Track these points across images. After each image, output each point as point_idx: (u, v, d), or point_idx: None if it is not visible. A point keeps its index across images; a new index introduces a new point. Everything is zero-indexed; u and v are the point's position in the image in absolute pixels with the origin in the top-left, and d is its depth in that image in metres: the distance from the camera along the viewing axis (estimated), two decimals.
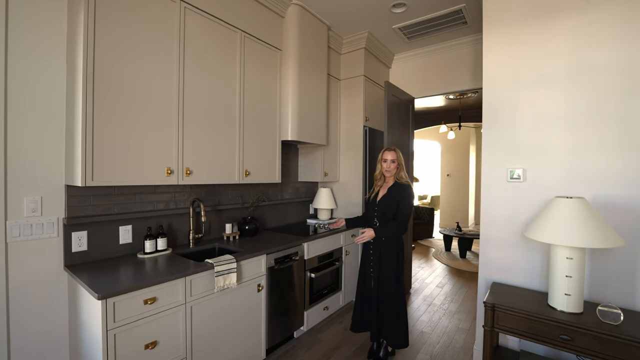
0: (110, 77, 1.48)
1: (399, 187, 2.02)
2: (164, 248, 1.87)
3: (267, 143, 2.40)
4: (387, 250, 2.02)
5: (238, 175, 2.16)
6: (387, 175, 2.08)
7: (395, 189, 2.02)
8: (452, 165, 8.10)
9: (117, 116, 1.51)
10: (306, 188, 3.32)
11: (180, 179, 1.79)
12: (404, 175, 2.06)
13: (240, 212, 2.53)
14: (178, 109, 1.77)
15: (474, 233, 5.10)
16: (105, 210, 1.73)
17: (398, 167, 2.06)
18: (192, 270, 1.56)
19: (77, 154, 1.42)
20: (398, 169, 2.06)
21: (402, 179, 2.05)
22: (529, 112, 1.91)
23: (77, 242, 1.62)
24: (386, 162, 2.06)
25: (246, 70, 2.20)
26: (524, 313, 1.58)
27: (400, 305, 2.02)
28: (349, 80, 3.23)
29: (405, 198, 1.99)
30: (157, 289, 1.42)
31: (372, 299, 2.05)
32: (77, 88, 1.42)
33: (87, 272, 1.50)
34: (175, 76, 1.76)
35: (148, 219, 1.92)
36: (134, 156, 1.58)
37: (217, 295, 1.69)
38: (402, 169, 2.07)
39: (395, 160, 2.05)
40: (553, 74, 1.83)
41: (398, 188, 2.02)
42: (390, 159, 2.05)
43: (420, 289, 3.55)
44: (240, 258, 1.80)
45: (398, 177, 2.05)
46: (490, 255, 2.05)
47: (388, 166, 2.05)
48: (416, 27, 2.88)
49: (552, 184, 1.84)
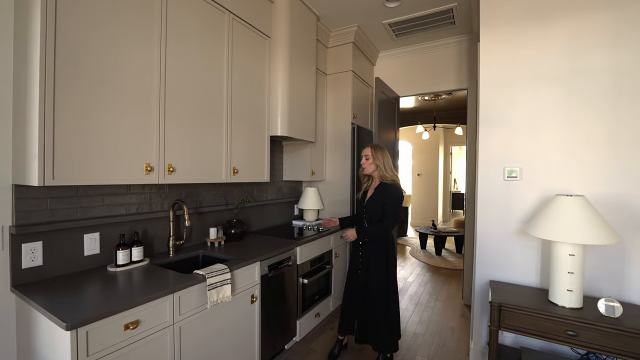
0: (77, 54, 1.20)
1: (384, 187, 1.98)
2: (140, 258, 1.60)
3: (255, 139, 2.19)
4: (375, 249, 1.98)
5: (225, 174, 1.93)
6: (364, 173, 2.06)
7: (381, 190, 1.98)
8: (422, 165, 8.37)
9: (86, 101, 1.23)
10: (290, 188, 3.14)
11: (162, 178, 1.53)
12: (388, 175, 2.00)
13: (225, 214, 2.29)
14: (159, 97, 1.51)
15: (449, 231, 5.27)
16: (65, 215, 1.43)
17: (378, 167, 1.99)
18: (181, 284, 1.32)
19: (31, 146, 1.12)
20: (378, 167, 1.99)
21: (387, 178, 1.99)
22: (525, 111, 1.94)
23: (28, 255, 1.30)
24: (362, 158, 2.05)
25: (234, 57, 1.97)
26: (531, 311, 1.58)
27: (390, 306, 1.97)
28: (336, 75, 3.11)
29: (390, 198, 1.93)
30: (141, 310, 1.17)
31: (360, 299, 2.01)
32: (32, 65, 1.13)
33: (44, 293, 1.21)
34: (157, 59, 1.50)
35: (119, 224, 1.63)
36: (107, 150, 1.30)
37: (209, 312, 1.47)
38: (382, 169, 1.99)
39: (369, 157, 2.00)
40: (549, 74, 1.87)
41: (383, 188, 1.98)
42: (364, 155, 2.03)
43: (405, 289, 3.55)
44: (234, 267, 1.59)
45: (382, 176, 2.00)
46: (487, 253, 2.05)
47: (363, 162, 2.03)
48: (406, 24, 2.84)
49: (548, 183, 1.87)
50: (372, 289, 1.96)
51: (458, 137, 8.52)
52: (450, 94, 5.23)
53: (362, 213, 2.06)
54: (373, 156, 2.00)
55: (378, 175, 2.01)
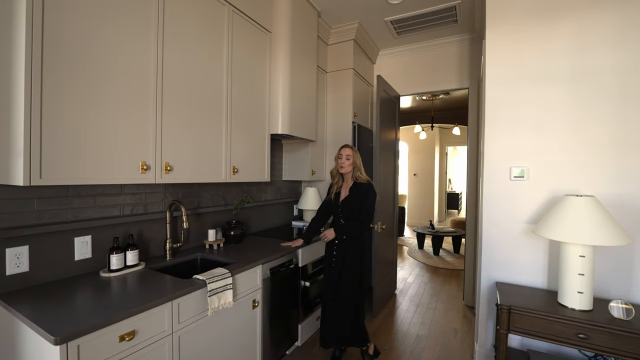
0: (67, 42, 1.10)
1: (360, 186, 1.99)
2: (135, 263, 1.51)
3: (256, 137, 2.11)
4: (351, 251, 1.98)
5: (225, 173, 1.85)
6: (342, 172, 2.03)
7: (357, 189, 1.99)
8: (418, 165, 8.37)
9: (77, 93, 1.14)
10: (288, 188, 3.07)
11: (159, 177, 1.45)
12: (362, 175, 2.03)
13: (223, 215, 2.21)
14: (156, 91, 1.42)
15: (447, 231, 5.25)
16: (54, 217, 1.33)
17: (354, 167, 2.01)
18: (180, 291, 1.24)
19: (16, 142, 1.03)
20: (355, 168, 2.01)
21: (362, 178, 2.01)
22: (532, 110, 1.90)
23: (13, 261, 1.20)
24: (341, 158, 2.02)
25: (234, 52, 1.89)
26: (542, 314, 1.54)
27: (358, 306, 2.00)
28: (336, 73, 3.04)
29: (369, 196, 1.97)
30: (137, 320, 1.09)
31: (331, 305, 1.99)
32: (16, 54, 1.03)
33: (31, 302, 1.11)
34: (153, 50, 1.41)
35: (112, 227, 1.54)
36: (100, 147, 1.21)
37: (209, 319, 1.39)
38: (358, 169, 2.03)
39: (350, 157, 2.00)
40: (556, 73, 1.83)
41: (359, 187, 1.99)
42: (345, 155, 2.01)
43: (405, 290, 3.50)
44: (236, 271, 1.52)
45: (357, 176, 2.01)
46: (493, 254, 2.01)
47: (342, 162, 2.01)
48: (408, 21, 2.79)
49: (555, 183, 1.84)
50: (343, 292, 1.96)
51: (454, 137, 8.54)
52: (448, 94, 5.22)
53: (338, 214, 2.03)
54: (354, 157, 2.01)
55: (353, 175, 2.03)
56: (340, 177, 2.09)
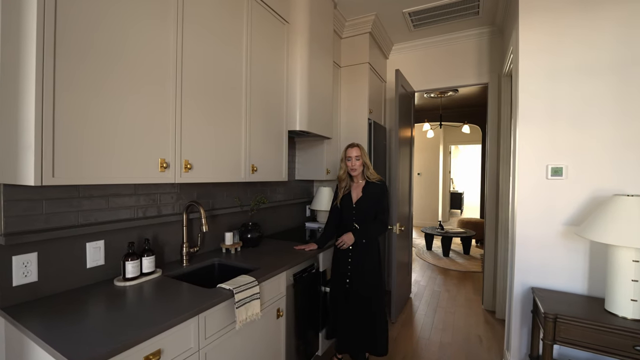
0: (80, 27, 0.98)
1: (375, 185, 1.89)
2: (152, 270, 1.38)
3: (273, 134, 1.99)
4: (370, 255, 1.86)
5: (244, 172, 1.73)
6: (354, 174, 1.92)
7: (372, 188, 1.88)
8: (422, 165, 8.27)
9: (92, 83, 1.01)
10: (300, 188, 2.94)
11: (178, 176, 1.32)
12: (372, 173, 1.91)
13: (238, 217, 2.08)
14: (176, 79, 1.30)
15: (457, 231, 5.15)
16: (63, 220, 1.20)
17: (364, 166, 1.91)
18: (207, 303, 1.11)
19: (25, 136, 0.90)
20: (365, 167, 1.91)
21: (372, 177, 1.90)
22: (571, 104, 1.79)
23: (20, 270, 1.07)
24: (350, 160, 1.90)
25: (253, 41, 1.77)
26: (594, 324, 1.43)
27: (381, 315, 1.89)
28: (350, 68, 2.92)
29: (385, 195, 1.89)
30: (163, 338, 0.96)
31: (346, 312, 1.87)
32: (26, 41, 0.90)
33: (41, 317, 0.98)
34: (173, 35, 1.28)
35: (125, 231, 1.41)
36: (117, 142, 1.08)
37: (235, 333, 1.27)
38: (369, 167, 1.91)
39: (360, 157, 1.90)
40: (598, 64, 1.72)
41: (374, 187, 1.89)
42: (354, 156, 1.89)
43: (420, 294, 3.39)
44: (262, 278, 1.39)
45: (367, 175, 1.90)
46: (527, 258, 1.90)
47: (353, 164, 1.89)
48: (427, 13, 2.68)
49: (598, 182, 1.73)
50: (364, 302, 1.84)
51: (458, 136, 8.46)
52: (457, 91, 5.11)
53: (351, 217, 1.90)
54: (363, 156, 1.91)
55: (364, 174, 1.91)
56: (350, 178, 1.97)
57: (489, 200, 2.98)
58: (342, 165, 1.95)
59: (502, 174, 2.79)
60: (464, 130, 5.50)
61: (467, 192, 10.73)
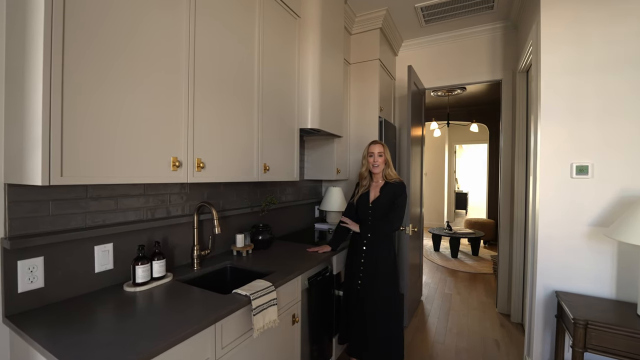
0: (91, 18, 0.91)
1: (393, 186, 1.82)
2: (163, 274, 1.31)
3: (285, 131, 1.92)
4: (383, 260, 1.77)
5: (256, 171, 1.66)
6: (375, 172, 1.85)
7: (391, 189, 1.82)
8: (428, 164, 8.18)
9: (102, 75, 0.94)
10: (309, 188, 2.87)
11: (190, 176, 1.25)
12: (392, 173, 1.84)
13: (248, 218, 2.02)
14: (188, 73, 1.23)
15: (465, 232, 5.07)
16: (70, 222, 1.13)
17: (386, 164, 1.83)
18: (223, 310, 1.05)
19: (32, 133, 0.84)
20: (387, 165, 1.83)
21: (392, 176, 1.83)
22: (596, 100, 1.71)
23: (26, 275, 1.01)
24: (372, 156, 1.84)
25: (265, 36, 1.70)
26: (628, 331, 1.35)
27: (397, 320, 1.80)
28: (360, 65, 2.85)
29: (402, 196, 1.80)
30: (179, 349, 0.89)
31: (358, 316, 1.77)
32: (34, 32, 0.84)
33: (48, 326, 0.92)
34: (185, 26, 1.22)
35: (134, 233, 1.34)
36: (130, 138, 1.02)
37: (252, 341, 1.20)
38: (390, 166, 1.84)
39: (382, 154, 1.83)
40: (623, 60, 1.65)
41: (393, 187, 1.82)
42: (377, 152, 1.83)
43: (430, 297, 3.31)
44: (278, 283, 1.32)
45: (387, 174, 1.83)
46: (550, 260, 1.83)
47: (375, 160, 1.83)
48: (440, 7, 2.61)
49: (627, 181, 1.65)
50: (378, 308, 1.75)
51: (464, 135, 8.36)
52: (465, 89, 5.03)
53: (367, 217, 1.84)
54: (385, 154, 1.85)
55: (384, 173, 1.85)
56: (370, 176, 1.90)
57: (503, 201, 2.90)
58: (364, 162, 1.89)
59: (517, 174, 2.71)
60: (472, 129, 5.41)
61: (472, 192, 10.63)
